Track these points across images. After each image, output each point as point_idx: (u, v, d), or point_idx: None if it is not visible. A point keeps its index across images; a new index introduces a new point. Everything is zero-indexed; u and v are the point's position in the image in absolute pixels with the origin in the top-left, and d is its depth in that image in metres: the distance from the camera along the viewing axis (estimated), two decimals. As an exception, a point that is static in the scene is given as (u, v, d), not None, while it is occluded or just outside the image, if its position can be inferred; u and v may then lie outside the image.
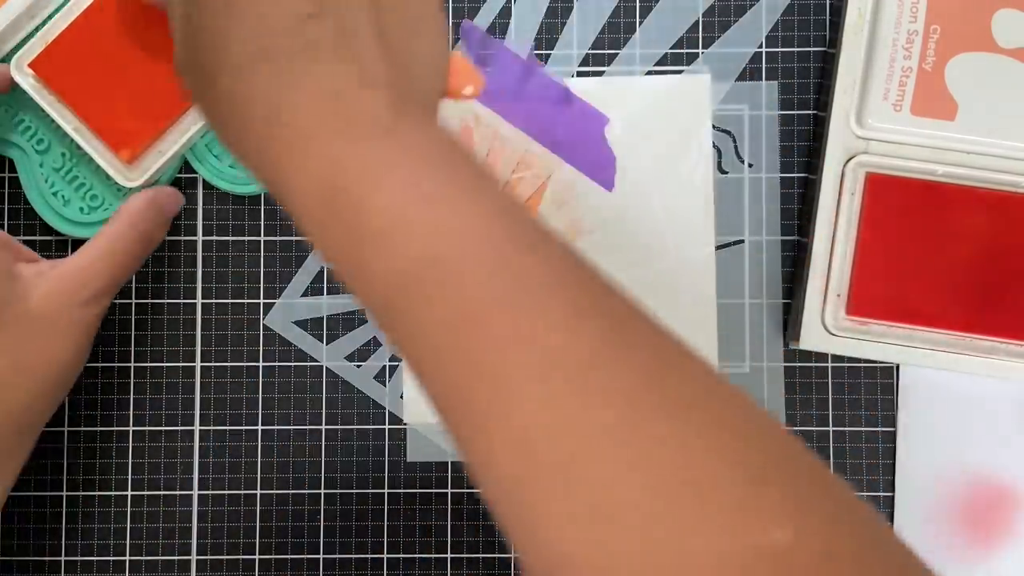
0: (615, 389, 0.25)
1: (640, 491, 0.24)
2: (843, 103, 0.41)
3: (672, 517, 0.23)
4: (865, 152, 0.41)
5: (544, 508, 0.24)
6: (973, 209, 0.41)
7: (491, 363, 0.25)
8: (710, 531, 0.23)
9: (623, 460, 0.24)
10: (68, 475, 0.44)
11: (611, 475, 0.24)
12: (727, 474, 0.24)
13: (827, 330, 0.41)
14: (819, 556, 0.23)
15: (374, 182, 0.27)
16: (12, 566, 0.43)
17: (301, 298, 0.44)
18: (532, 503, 0.25)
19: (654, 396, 0.25)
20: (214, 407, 0.44)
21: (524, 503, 0.25)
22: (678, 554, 0.23)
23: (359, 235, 0.27)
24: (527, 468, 0.25)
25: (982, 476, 0.43)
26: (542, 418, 0.25)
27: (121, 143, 0.40)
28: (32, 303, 0.37)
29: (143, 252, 0.40)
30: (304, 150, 0.27)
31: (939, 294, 0.41)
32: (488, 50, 0.44)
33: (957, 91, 0.41)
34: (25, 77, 0.41)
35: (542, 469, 0.24)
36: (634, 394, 0.25)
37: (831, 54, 0.43)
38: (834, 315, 0.41)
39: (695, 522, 0.23)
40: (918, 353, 0.41)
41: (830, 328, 0.41)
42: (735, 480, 0.24)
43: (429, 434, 0.43)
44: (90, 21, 0.40)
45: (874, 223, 0.41)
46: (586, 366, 0.25)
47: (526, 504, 0.25)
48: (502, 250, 0.26)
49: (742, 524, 0.23)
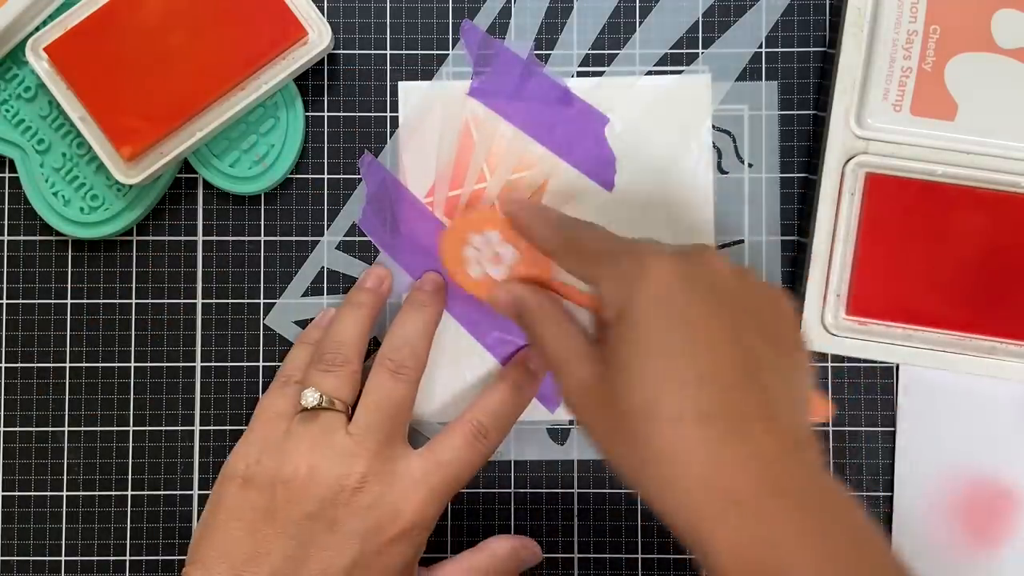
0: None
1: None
2: (843, 103, 0.41)
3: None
4: (865, 152, 0.41)
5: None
6: (973, 209, 0.41)
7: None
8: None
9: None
10: (68, 475, 0.44)
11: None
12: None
13: (827, 330, 0.41)
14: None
15: (814, 567, 0.29)
16: (12, 566, 0.43)
17: (301, 298, 0.44)
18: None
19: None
20: (214, 407, 0.44)
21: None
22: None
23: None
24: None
25: (982, 476, 0.43)
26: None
27: (124, 140, 0.40)
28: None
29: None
30: (735, 517, 0.29)
31: (939, 294, 0.41)
32: (488, 50, 0.44)
33: (957, 91, 0.41)
34: (39, 60, 0.41)
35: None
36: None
37: (831, 54, 0.43)
38: (834, 315, 0.42)
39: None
40: (918, 353, 0.41)
41: (830, 328, 0.41)
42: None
43: (427, 432, 0.43)
44: (111, 15, 0.41)
45: (874, 223, 0.41)
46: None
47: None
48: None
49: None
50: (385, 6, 0.44)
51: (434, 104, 0.44)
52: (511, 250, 0.40)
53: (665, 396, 0.31)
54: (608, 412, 0.32)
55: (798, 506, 0.30)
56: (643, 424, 0.31)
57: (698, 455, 0.30)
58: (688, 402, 0.30)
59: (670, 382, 0.31)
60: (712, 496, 0.30)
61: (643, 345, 0.31)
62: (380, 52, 0.44)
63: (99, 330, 0.44)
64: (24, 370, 0.44)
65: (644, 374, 0.31)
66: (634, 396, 0.31)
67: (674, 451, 0.30)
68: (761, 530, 0.29)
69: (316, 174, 0.44)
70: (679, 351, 0.31)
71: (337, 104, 0.44)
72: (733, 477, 0.30)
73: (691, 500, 0.30)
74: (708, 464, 0.30)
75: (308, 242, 0.44)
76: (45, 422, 0.44)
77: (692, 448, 0.30)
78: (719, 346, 0.31)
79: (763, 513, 0.29)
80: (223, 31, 0.41)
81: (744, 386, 0.31)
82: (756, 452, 0.30)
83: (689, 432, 0.30)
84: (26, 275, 0.44)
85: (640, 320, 0.32)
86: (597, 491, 0.44)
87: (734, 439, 0.30)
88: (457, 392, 0.44)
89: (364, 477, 0.37)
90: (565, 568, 0.43)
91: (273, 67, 0.41)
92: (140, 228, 0.44)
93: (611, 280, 0.33)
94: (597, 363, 0.34)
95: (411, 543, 0.38)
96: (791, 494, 0.30)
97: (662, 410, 0.30)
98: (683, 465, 0.30)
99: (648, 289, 0.32)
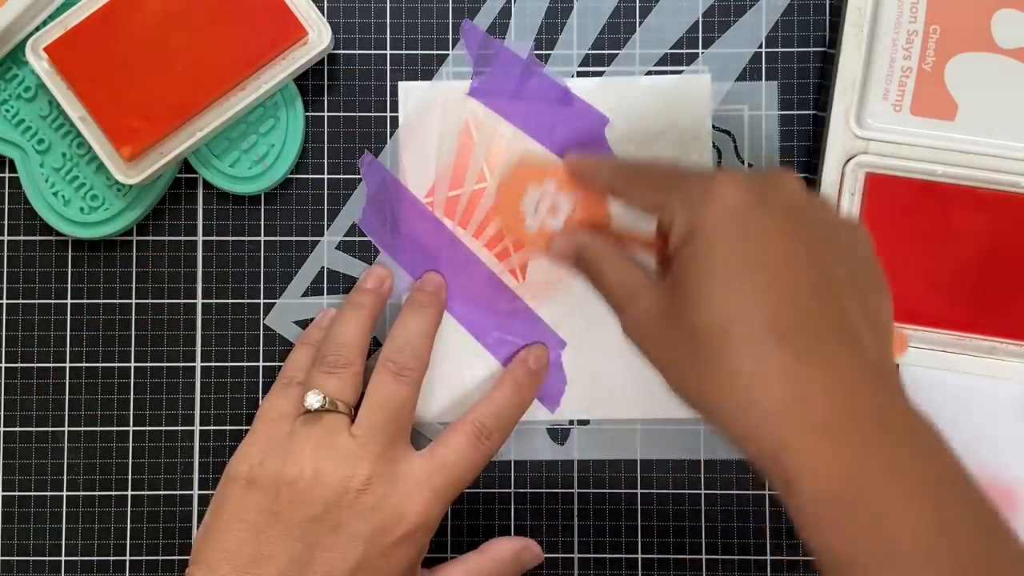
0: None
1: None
2: (843, 103, 0.41)
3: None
4: (865, 152, 0.41)
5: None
6: (973, 209, 0.41)
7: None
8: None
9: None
10: (68, 475, 0.44)
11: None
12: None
13: None
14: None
15: (900, 502, 0.28)
16: (12, 566, 0.43)
17: (301, 298, 0.44)
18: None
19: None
20: (214, 407, 0.44)
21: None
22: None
23: (878, 548, 0.27)
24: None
25: (982, 476, 0.43)
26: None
27: (124, 140, 0.40)
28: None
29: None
30: (817, 442, 0.28)
31: (939, 294, 0.41)
32: (488, 50, 0.44)
33: (957, 91, 0.41)
34: (39, 60, 0.41)
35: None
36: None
37: (831, 54, 0.43)
38: None
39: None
40: (918, 353, 0.41)
41: None
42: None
43: (428, 433, 0.43)
44: (111, 15, 0.41)
45: (874, 223, 0.41)
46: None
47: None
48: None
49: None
50: (385, 6, 0.44)
51: (434, 104, 0.44)
52: (569, 200, 0.40)
53: (740, 315, 0.29)
54: (676, 336, 0.31)
55: (886, 435, 0.28)
56: (716, 344, 0.29)
57: (777, 376, 0.28)
58: (764, 320, 0.29)
59: (745, 300, 0.29)
60: (795, 420, 0.28)
61: (715, 263, 0.30)
62: (380, 52, 0.44)
63: (99, 330, 0.44)
64: (24, 370, 0.44)
65: (717, 293, 0.30)
66: (706, 315, 0.30)
67: (751, 372, 0.29)
68: (846, 459, 0.28)
69: (316, 174, 0.44)
70: (754, 268, 0.30)
71: (337, 104, 0.44)
72: (817, 402, 0.28)
73: (771, 424, 0.28)
74: (789, 386, 0.28)
75: (308, 242, 0.44)
76: (45, 422, 0.44)
77: (770, 369, 0.28)
78: (796, 265, 0.30)
79: (849, 442, 0.28)
80: (223, 31, 0.41)
81: (824, 307, 0.30)
82: (838, 377, 0.29)
83: (767, 352, 0.29)
84: (26, 275, 0.44)
85: (712, 238, 0.30)
86: (597, 491, 0.44)
87: (815, 361, 0.29)
88: (458, 393, 0.44)
89: (368, 479, 0.37)
90: (565, 568, 0.43)
91: (273, 67, 0.41)
92: (140, 228, 0.44)
93: (681, 202, 0.32)
94: (663, 292, 0.32)
95: (415, 544, 0.38)
96: (877, 424, 0.28)
97: (737, 329, 0.29)
98: (761, 387, 0.28)
99: (720, 207, 0.31)
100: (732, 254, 0.30)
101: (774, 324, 0.29)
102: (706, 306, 0.30)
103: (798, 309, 0.29)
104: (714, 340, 0.29)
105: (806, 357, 0.29)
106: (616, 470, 0.44)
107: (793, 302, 0.29)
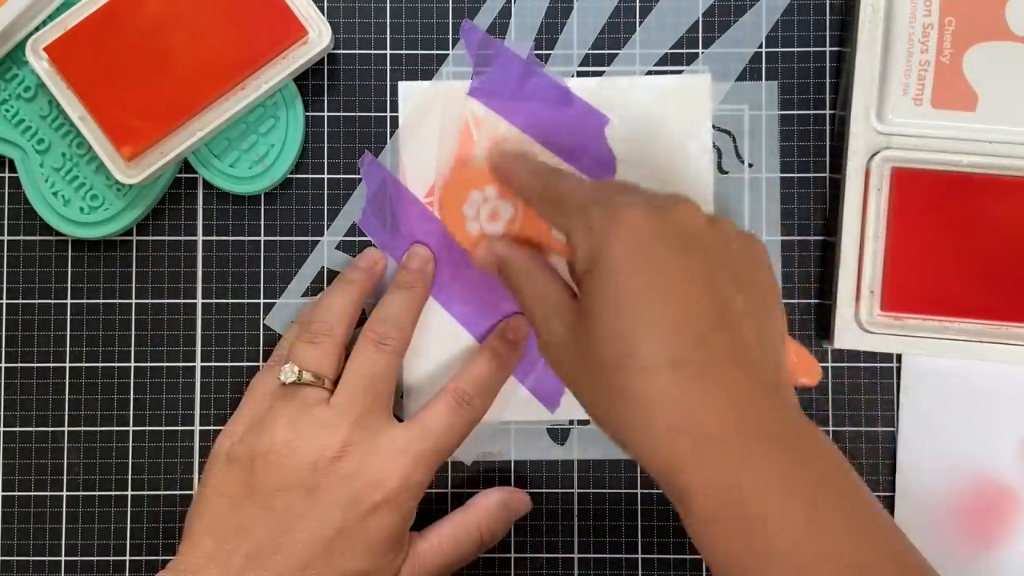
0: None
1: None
2: (863, 100, 0.41)
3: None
4: (888, 148, 0.41)
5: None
6: (1000, 197, 0.41)
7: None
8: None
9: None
10: (68, 475, 0.44)
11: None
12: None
13: (862, 327, 0.41)
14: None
15: (778, 505, 0.30)
16: (12, 566, 0.43)
17: (301, 298, 0.44)
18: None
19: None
20: (214, 407, 0.44)
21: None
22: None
23: (758, 551, 0.30)
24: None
25: (982, 476, 0.43)
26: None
27: (124, 140, 0.41)
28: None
29: (485, 546, 0.41)
30: (705, 457, 0.30)
31: (972, 284, 0.41)
32: (488, 50, 0.44)
33: (976, 81, 0.41)
34: (39, 60, 0.41)
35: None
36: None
37: (834, 53, 0.43)
38: (868, 312, 0.41)
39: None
40: (953, 345, 0.41)
41: (865, 325, 0.41)
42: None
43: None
44: (111, 15, 0.41)
45: (903, 217, 0.41)
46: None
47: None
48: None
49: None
50: (385, 6, 0.44)
51: (434, 104, 0.44)
52: (509, 207, 0.40)
53: (638, 345, 0.31)
54: (585, 364, 0.33)
55: (768, 445, 0.30)
56: (618, 373, 0.31)
57: (670, 399, 0.31)
58: (661, 350, 0.31)
59: (643, 331, 0.31)
60: (683, 437, 0.30)
61: (616, 296, 0.32)
62: (380, 52, 0.44)
63: (99, 330, 0.44)
64: (24, 370, 0.44)
65: (618, 325, 0.32)
66: (608, 347, 0.32)
67: (647, 397, 0.31)
68: (730, 467, 0.30)
69: (316, 174, 0.44)
70: (652, 301, 0.31)
71: (337, 104, 0.44)
72: (704, 418, 0.30)
73: (664, 443, 0.31)
74: (680, 407, 0.30)
75: (308, 242, 0.44)
76: (45, 422, 0.44)
77: (665, 393, 0.31)
78: (692, 295, 0.32)
79: (733, 452, 0.30)
80: (223, 31, 0.41)
81: (717, 332, 0.31)
82: (728, 394, 0.31)
83: (662, 378, 0.31)
84: (26, 275, 0.44)
85: (613, 272, 0.32)
86: (597, 491, 0.43)
87: (706, 383, 0.31)
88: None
89: (344, 446, 0.37)
90: (565, 568, 0.43)
91: (273, 67, 0.41)
92: (140, 228, 0.44)
93: (584, 230, 0.34)
94: (573, 316, 0.34)
95: (396, 510, 0.38)
96: (762, 434, 0.31)
97: (636, 359, 0.31)
98: (656, 409, 0.31)
99: (621, 238, 0.32)
100: (631, 286, 0.32)
101: (670, 353, 0.31)
102: (609, 337, 0.32)
103: (694, 337, 0.31)
104: (616, 370, 0.31)
105: (700, 382, 0.31)
106: (616, 470, 0.43)
107: (689, 330, 0.31)
